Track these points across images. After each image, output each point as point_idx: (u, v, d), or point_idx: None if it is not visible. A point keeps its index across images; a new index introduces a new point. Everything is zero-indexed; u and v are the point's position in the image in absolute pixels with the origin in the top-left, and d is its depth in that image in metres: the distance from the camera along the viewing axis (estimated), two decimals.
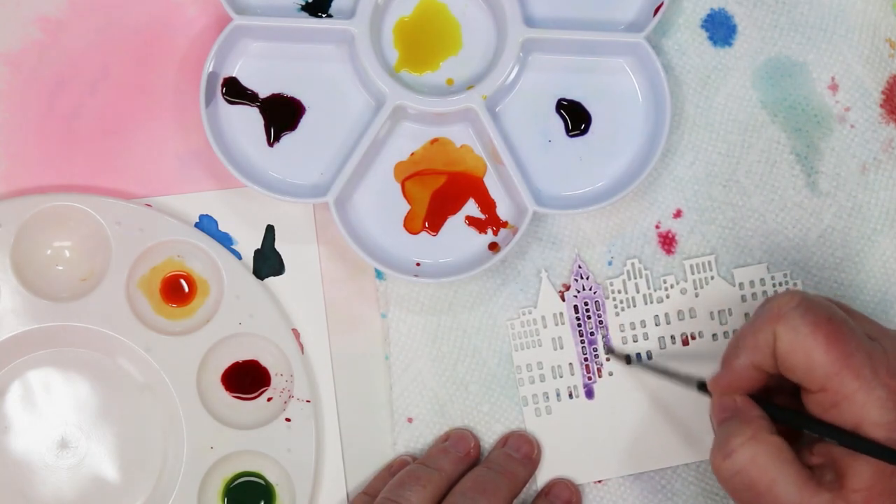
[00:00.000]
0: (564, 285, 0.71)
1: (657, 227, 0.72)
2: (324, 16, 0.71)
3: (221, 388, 0.70)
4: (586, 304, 0.71)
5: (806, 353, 0.58)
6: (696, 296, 0.71)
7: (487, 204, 0.71)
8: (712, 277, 0.72)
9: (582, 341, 0.71)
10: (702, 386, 0.63)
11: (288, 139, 0.70)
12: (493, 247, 0.70)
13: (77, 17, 0.72)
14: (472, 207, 0.71)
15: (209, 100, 0.69)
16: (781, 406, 0.61)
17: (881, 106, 0.72)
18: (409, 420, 0.70)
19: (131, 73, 0.72)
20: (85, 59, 0.72)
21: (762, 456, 0.58)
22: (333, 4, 0.71)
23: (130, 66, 0.72)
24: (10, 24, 0.71)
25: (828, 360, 0.57)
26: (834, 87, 0.72)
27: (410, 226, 0.70)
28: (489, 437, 0.71)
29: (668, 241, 0.72)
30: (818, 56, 0.72)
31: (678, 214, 0.72)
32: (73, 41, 0.72)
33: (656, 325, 0.71)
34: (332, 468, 0.70)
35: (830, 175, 0.72)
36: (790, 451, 0.58)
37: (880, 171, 0.72)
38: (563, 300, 0.71)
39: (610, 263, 0.71)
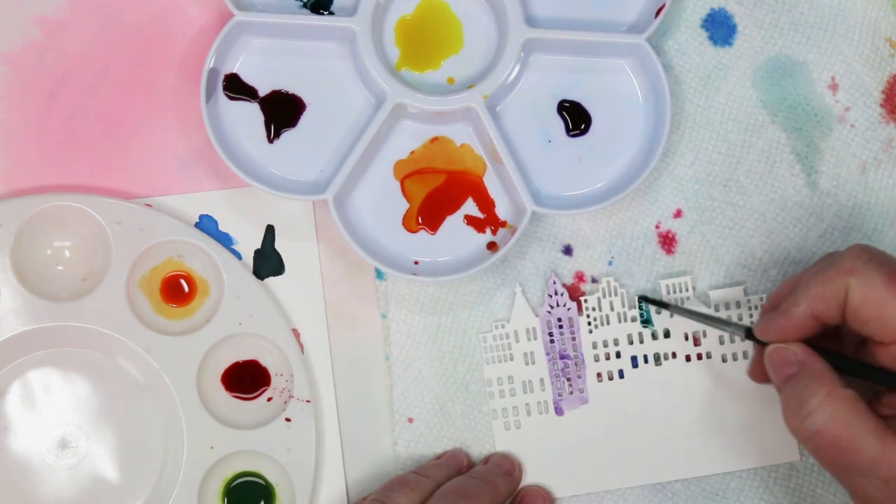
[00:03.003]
0: (565, 285, 0.71)
1: (657, 227, 0.72)
2: (325, 13, 0.71)
3: (221, 388, 0.70)
4: (559, 320, 0.71)
5: (881, 305, 0.58)
6: (671, 316, 0.71)
7: (486, 203, 0.71)
8: (688, 298, 0.71)
9: (553, 357, 0.71)
10: (749, 333, 0.64)
11: (288, 136, 0.70)
12: (492, 246, 0.70)
13: (77, 17, 0.72)
14: (471, 206, 0.70)
15: (209, 96, 0.69)
16: (847, 357, 0.62)
17: (881, 105, 0.72)
18: (410, 420, 0.70)
19: (131, 73, 0.72)
20: (85, 59, 0.72)
21: (840, 412, 0.58)
22: (335, 2, 0.71)
23: (130, 66, 0.72)
24: (10, 24, 0.71)
25: None
26: (834, 87, 0.72)
27: (409, 224, 0.70)
28: (489, 437, 0.70)
29: (668, 241, 0.72)
30: (818, 56, 0.72)
31: (678, 214, 0.72)
32: (73, 41, 0.72)
33: (629, 343, 0.71)
34: (332, 468, 0.70)
35: (831, 175, 0.72)
36: (864, 403, 0.58)
37: (880, 170, 0.72)
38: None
39: (610, 263, 0.71)
